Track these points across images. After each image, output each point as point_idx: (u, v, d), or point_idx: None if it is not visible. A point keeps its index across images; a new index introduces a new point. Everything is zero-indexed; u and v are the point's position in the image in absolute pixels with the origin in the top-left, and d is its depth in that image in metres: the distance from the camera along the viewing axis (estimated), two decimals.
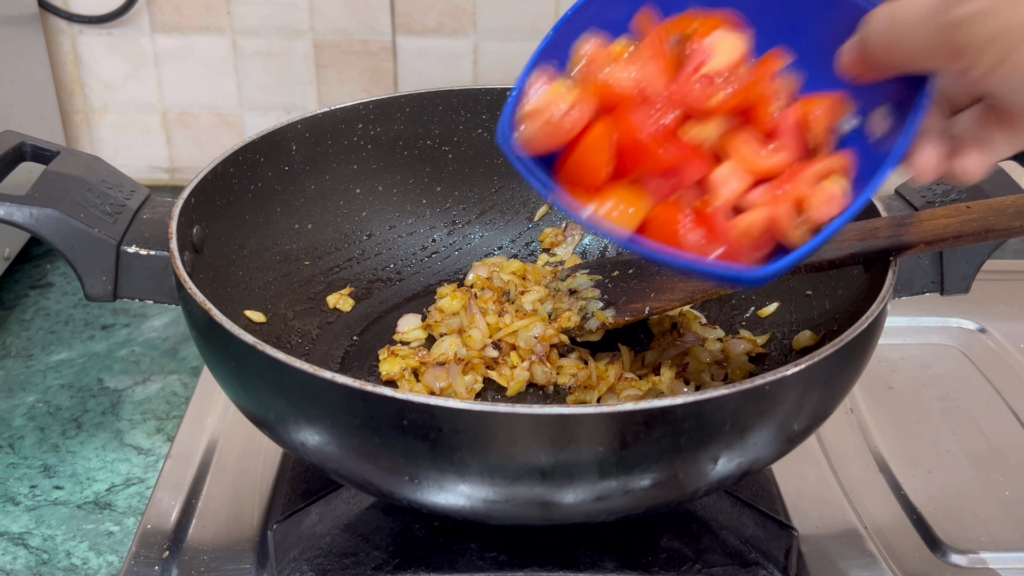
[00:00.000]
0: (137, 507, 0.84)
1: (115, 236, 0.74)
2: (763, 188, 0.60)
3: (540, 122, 0.61)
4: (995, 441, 0.90)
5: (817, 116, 0.59)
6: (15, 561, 0.78)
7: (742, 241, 0.59)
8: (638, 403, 0.59)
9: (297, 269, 0.93)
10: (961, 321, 1.06)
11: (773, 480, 0.84)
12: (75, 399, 0.96)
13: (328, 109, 0.94)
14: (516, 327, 0.90)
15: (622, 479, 0.62)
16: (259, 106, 1.32)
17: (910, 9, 0.49)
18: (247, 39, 1.28)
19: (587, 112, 0.61)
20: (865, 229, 0.77)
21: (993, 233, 0.71)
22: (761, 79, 0.60)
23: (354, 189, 0.98)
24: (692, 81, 0.60)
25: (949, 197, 0.81)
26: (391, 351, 0.90)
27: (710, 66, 0.60)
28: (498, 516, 0.66)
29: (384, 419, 0.60)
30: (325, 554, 0.76)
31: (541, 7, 1.25)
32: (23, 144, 0.79)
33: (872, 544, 0.78)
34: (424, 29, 1.27)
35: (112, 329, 1.07)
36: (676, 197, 0.60)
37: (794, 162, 0.60)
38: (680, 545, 0.77)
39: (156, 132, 1.34)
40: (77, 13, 1.25)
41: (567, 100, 0.60)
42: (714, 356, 0.89)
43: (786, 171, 0.59)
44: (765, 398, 0.62)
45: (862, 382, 0.80)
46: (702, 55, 0.60)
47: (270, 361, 0.62)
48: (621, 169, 0.60)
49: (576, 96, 0.61)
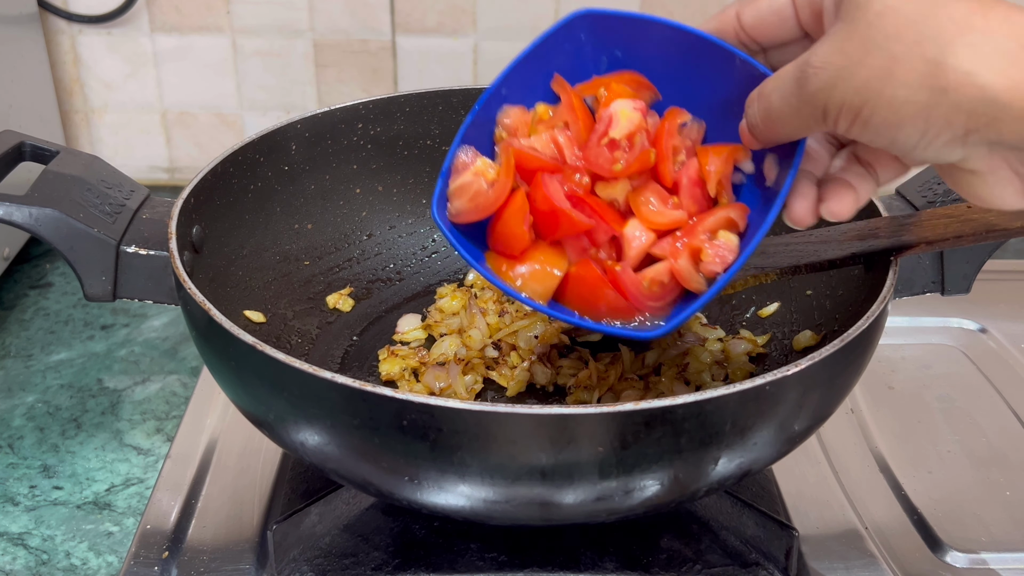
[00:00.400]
0: (137, 507, 0.84)
1: (115, 236, 0.74)
2: (667, 240, 0.66)
3: (466, 198, 0.67)
4: (995, 441, 0.90)
5: (714, 169, 0.65)
6: (15, 561, 0.78)
7: (652, 290, 0.66)
8: (638, 403, 0.59)
9: (297, 269, 0.93)
10: (961, 321, 1.06)
11: (773, 480, 0.84)
12: (75, 399, 0.96)
13: (328, 109, 0.94)
14: (516, 327, 0.90)
15: (622, 479, 0.62)
16: (259, 106, 1.32)
17: (775, 94, 0.58)
18: (247, 39, 1.28)
19: (507, 186, 0.67)
20: (865, 229, 0.77)
21: (994, 233, 0.71)
22: (661, 139, 0.66)
23: (354, 189, 0.98)
24: (599, 147, 0.66)
25: (950, 197, 0.81)
26: (391, 351, 0.90)
27: (613, 132, 0.66)
28: (498, 516, 0.66)
29: (384, 419, 0.60)
30: (325, 554, 0.76)
31: (541, 7, 1.25)
32: (23, 144, 0.79)
33: (872, 544, 0.78)
34: (424, 29, 1.27)
35: (112, 329, 1.07)
36: (594, 253, 0.68)
37: (695, 213, 0.66)
38: (680, 545, 0.77)
39: (156, 132, 1.34)
40: (77, 13, 1.25)
41: (488, 176, 0.67)
42: (714, 356, 0.89)
43: (686, 223, 0.66)
44: (766, 398, 0.62)
45: (862, 382, 0.80)
46: (607, 121, 0.66)
47: (270, 361, 0.62)
48: (542, 232, 0.68)
49: (497, 172, 0.67)
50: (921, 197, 0.83)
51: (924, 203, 0.82)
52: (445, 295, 0.97)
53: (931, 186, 0.83)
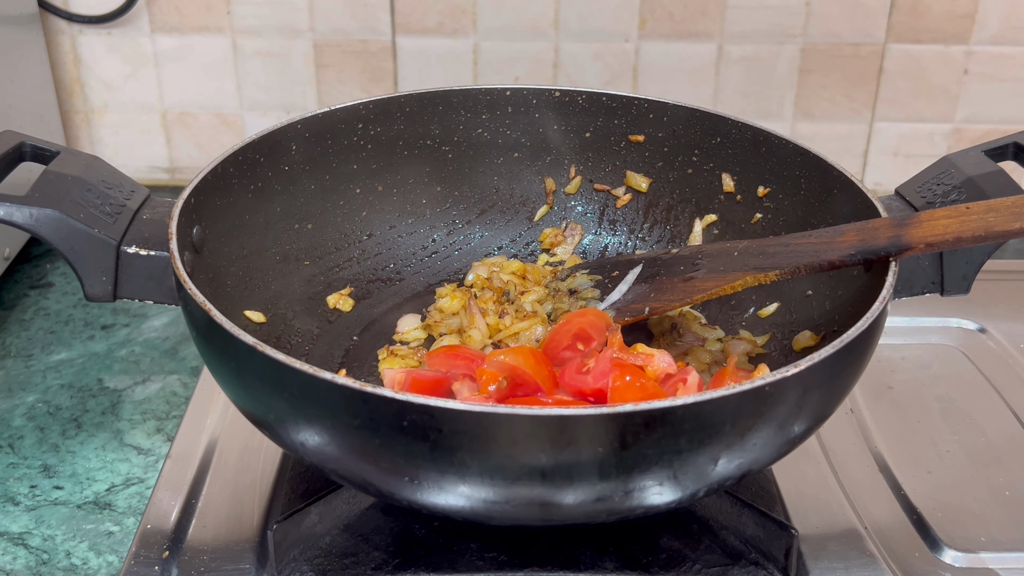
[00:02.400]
0: (137, 507, 0.84)
1: (115, 236, 0.74)
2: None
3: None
4: (995, 441, 0.90)
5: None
6: (15, 561, 0.78)
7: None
8: (638, 403, 0.59)
9: (297, 269, 0.93)
10: (961, 321, 1.06)
11: (773, 480, 0.84)
12: (75, 399, 0.97)
13: (328, 109, 0.94)
14: (516, 329, 0.90)
15: (622, 480, 0.62)
16: (259, 106, 1.32)
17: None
18: (247, 39, 1.28)
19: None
20: (865, 229, 0.77)
21: (993, 235, 0.71)
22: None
23: (354, 189, 0.98)
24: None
25: (949, 198, 0.81)
26: (391, 351, 0.90)
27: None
28: (498, 517, 0.66)
29: (384, 420, 0.60)
30: (325, 554, 0.76)
31: (541, 7, 1.25)
32: (23, 144, 0.79)
33: (872, 544, 0.78)
34: (424, 29, 1.27)
35: (112, 329, 1.07)
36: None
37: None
38: (680, 545, 0.77)
39: (156, 132, 1.34)
40: (77, 13, 1.25)
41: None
42: (714, 356, 0.89)
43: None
44: (765, 399, 0.62)
45: (862, 382, 0.80)
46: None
47: (270, 362, 0.62)
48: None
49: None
50: (920, 198, 0.83)
51: (923, 204, 0.82)
52: (445, 295, 0.97)
53: (930, 187, 0.83)
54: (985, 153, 0.84)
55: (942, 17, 1.24)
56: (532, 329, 0.90)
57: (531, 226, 1.04)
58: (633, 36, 1.26)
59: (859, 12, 1.24)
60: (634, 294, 0.90)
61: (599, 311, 0.88)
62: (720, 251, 0.86)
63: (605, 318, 0.86)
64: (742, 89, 1.29)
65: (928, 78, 1.27)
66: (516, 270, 0.99)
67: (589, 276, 0.95)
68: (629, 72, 1.28)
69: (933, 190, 0.83)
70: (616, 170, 1.02)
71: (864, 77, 1.27)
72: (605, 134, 1.01)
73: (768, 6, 1.24)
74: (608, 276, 0.94)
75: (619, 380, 0.74)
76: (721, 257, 0.86)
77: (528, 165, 1.03)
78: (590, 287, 0.94)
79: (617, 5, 1.24)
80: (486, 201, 1.03)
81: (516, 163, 1.02)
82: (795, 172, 0.91)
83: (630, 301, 0.90)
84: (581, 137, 1.01)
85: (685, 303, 0.86)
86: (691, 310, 0.95)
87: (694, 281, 0.85)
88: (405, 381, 0.78)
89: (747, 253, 0.84)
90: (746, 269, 0.82)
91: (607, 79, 1.29)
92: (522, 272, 0.99)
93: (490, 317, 0.92)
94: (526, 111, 1.00)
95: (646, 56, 1.27)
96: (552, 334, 0.86)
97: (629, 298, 0.90)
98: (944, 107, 1.29)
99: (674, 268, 0.89)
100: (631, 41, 1.27)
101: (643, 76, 1.29)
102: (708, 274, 0.85)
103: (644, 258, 0.94)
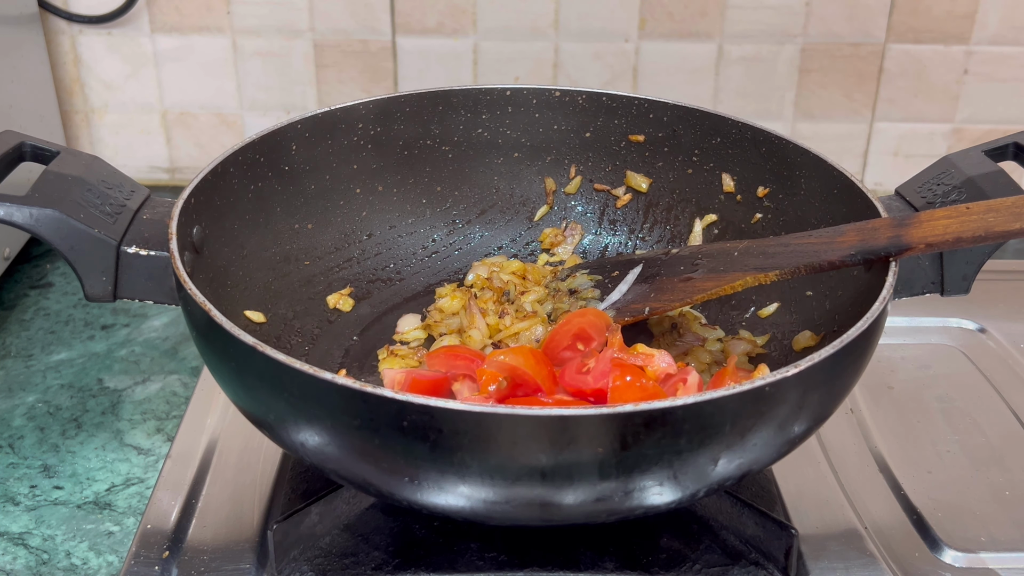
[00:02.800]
0: (137, 507, 0.84)
1: (115, 236, 0.74)
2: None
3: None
4: (995, 441, 0.90)
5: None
6: (15, 561, 0.78)
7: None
8: (638, 403, 0.59)
9: (297, 269, 0.93)
10: (961, 321, 1.06)
11: (773, 480, 0.84)
12: (75, 399, 0.97)
13: (328, 109, 0.94)
14: (517, 329, 0.90)
15: (622, 480, 0.62)
16: (259, 106, 1.32)
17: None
18: (247, 39, 1.28)
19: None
20: (865, 229, 0.77)
21: (993, 235, 0.71)
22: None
23: (354, 189, 0.98)
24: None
25: (949, 198, 0.81)
26: (391, 351, 0.90)
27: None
28: (498, 517, 0.66)
29: (384, 420, 0.60)
30: (325, 554, 0.76)
31: (541, 7, 1.25)
32: (23, 144, 0.79)
33: (872, 544, 0.78)
34: (424, 29, 1.27)
35: (112, 329, 1.07)
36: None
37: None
38: (680, 545, 0.77)
39: (156, 132, 1.34)
40: (77, 13, 1.25)
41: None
42: (714, 356, 0.89)
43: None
44: (765, 399, 0.62)
45: (862, 382, 0.80)
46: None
47: (270, 362, 0.62)
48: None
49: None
50: (920, 198, 0.83)
51: (923, 204, 0.82)
52: (445, 295, 0.97)
53: (931, 187, 0.83)
54: (985, 153, 0.84)
55: (942, 17, 1.24)
56: (532, 329, 0.91)
57: (531, 226, 1.04)
58: (633, 36, 1.26)
59: (859, 12, 1.24)
60: (634, 294, 0.90)
61: (599, 311, 0.88)
62: (720, 251, 0.87)
63: (605, 318, 0.86)
64: (742, 89, 1.29)
65: (928, 78, 1.27)
66: (516, 270, 0.99)
67: (589, 276, 0.95)
68: (629, 72, 1.28)
69: (933, 190, 0.83)
70: (616, 170, 1.02)
71: (864, 77, 1.27)
72: (605, 134, 1.01)
73: (768, 6, 1.24)
74: (608, 276, 0.94)
75: (619, 380, 0.74)
76: (721, 257, 0.86)
77: (528, 165, 1.03)
78: (590, 287, 0.94)
79: (617, 5, 1.24)
80: (486, 201, 1.03)
81: (516, 163, 1.03)
82: (795, 172, 0.91)
83: (630, 301, 0.90)
84: (581, 137, 1.01)
85: (685, 303, 0.86)
86: (691, 310, 0.95)
87: (694, 281, 0.86)
88: (405, 381, 0.78)
89: (747, 253, 0.84)
90: (746, 269, 0.82)
91: (607, 79, 1.29)
92: (522, 272, 0.99)
93: (490, 317, 0.92)
94: (526, 111, 1.00)
95: (646, 56, 1.27)
96: (552, 334, 0.86)
97: (629, 298, 0.90)
98: (944, 107, 1.29)
99: (674, 268, 0.89)
100: (631, 41, 1.27)
101: (643, 76, 1.29)
102: (708, 274, 0.85)
103: (644, 258, 0.94)
